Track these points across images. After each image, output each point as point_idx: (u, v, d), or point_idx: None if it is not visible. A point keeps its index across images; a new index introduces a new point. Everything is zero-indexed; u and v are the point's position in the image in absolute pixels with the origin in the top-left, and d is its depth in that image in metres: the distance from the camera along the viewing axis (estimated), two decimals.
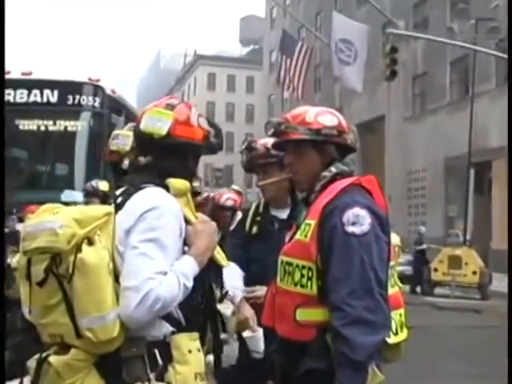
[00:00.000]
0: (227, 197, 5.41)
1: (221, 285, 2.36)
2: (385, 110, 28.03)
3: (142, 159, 2.26)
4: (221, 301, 2.40)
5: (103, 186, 5.29)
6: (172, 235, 2.08)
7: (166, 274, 2.02)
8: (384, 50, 18.20)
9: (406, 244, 17.39)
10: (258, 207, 3.57)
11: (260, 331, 3.02)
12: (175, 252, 2.10)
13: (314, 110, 2.45)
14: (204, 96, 57.25)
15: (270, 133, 2.47)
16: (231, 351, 3.06)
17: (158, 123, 2.22)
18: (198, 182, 4.84)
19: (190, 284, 2.08)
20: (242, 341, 3.36)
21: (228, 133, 53.76)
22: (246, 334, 3.04)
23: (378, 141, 27.65)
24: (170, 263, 2.06)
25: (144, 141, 2.26)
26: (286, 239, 2.43)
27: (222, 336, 2.48)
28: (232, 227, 3.72)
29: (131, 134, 2.57)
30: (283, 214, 3.47)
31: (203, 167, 48.27)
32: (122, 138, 3.42)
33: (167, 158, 2.24)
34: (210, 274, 2.25)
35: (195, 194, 4.15)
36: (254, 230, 3.48)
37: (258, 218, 3.50)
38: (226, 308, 2.51)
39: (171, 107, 2.27)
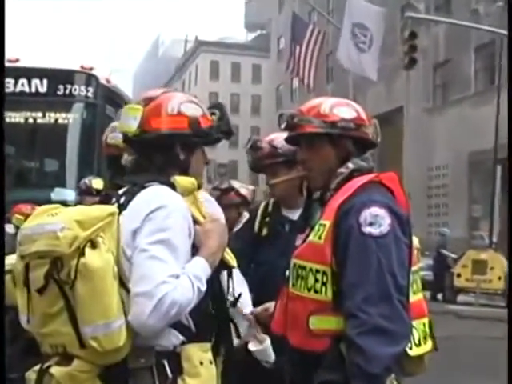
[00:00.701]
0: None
1: (232, 288, 2.38)
2: (403, 101, 27.98)
3: (124, 159, 2.31)
4: (234, 305, 2.42)
5: (97, 183, 5.30)
6: (182, 236, 2.11)
7: (178, 277, 2.04)
8: (402, 35, 18.14)
9: (426, 247, 17.36)
10: (266, 207, 3.59)
11: (267, 340, 3.03)
12: (185, 254, 2.12)
13: (330, 102, 2.46)
14: (206, 86, 57.32)
15: (283, 126, 2.48)
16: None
17: (127, 121, 2.27)
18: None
19: (203, 287, 2.10)
20: (248, 352, 3.37)
21: (232, 126, 53.59)
22: (251, 346, 3.04)
23: (396, 135, 27.60)
24: (182, 265, 2.08)
25: (124, 140, 2.33)
26: (299, 241, 2.44)
27: (236, 342, 2.50)
28: (236, 228, 3.70)
29: None
30: (295, 215, 3.49)
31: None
32: None
33: (152, 153, 2.28)
34: (219, 276, 2.27)
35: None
36: (264, 231, 3.51)
37: (268, 219, 3.52)
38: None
39: (147, 100, 2.30)
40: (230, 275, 2.35)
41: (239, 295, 2.47)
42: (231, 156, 51.15)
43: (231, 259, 2.35)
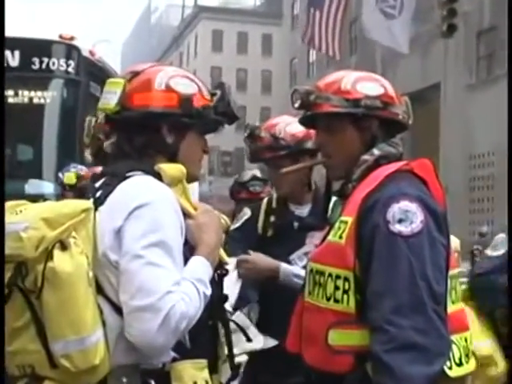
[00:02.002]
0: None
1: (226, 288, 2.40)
2: (440, 77, 27.87)
3: (105, 144, 2.33)
4: (236, 309, 2.43)
5: (68, 178, 5.35)
6: (175, 234, 2.12)
7: (179, 283, 2.05)
8: None
9: (468, 249, 17.33)
10: (270, 203, 3.60)
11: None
12: (180, 254, 2.13)
13: (353, 76, 2.47)
14: (208, 59, 57.32)
15: (296, 105, 2.49)
16: None
17: (108, 96, 2.28)
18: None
19: (208, 291, 2.13)
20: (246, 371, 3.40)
21: (239, 107, 53.53)
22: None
23: (432, 116, 27.52)
24: (180, 268, 2.10)
25: (104, 121, 2.35)
26: (317, 241, 2.44)
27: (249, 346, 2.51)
28: (233, 227, 3.63)
29: None
30: (303, 211, 3.52)
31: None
32: None
33: (132, 135, 2.28)
34: (216, 276, 2.29)
35: None
36: (270, 232, 3.52)
37: (273, 218, 3.53)
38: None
39: (132, 74, 2.31)
40: (225, 273, 2.37)
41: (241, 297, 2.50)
42: (237, 142, 51.11)
43: (224, 255, 2.38)
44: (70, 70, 9.51)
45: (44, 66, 9.43)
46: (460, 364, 2.34)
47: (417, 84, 28.42)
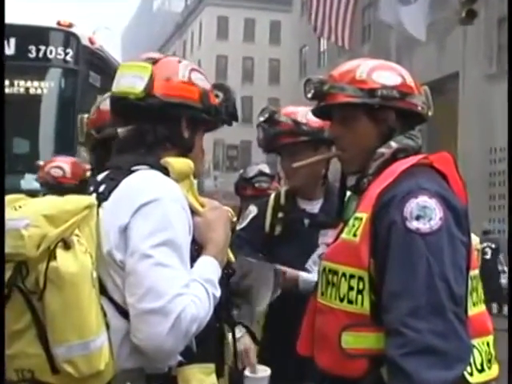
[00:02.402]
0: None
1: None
2: (459, 66, 27.81)
3: (121, 131, 2.31)
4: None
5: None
6: (183, 232, 2.13)
7: (188, 285, 2.06)
8: None
9: None
10: (278, 199, 3.58)
11: (264, 373, 3.03)
12: (188, 253, 2.14)
13: (369, 65, 2.47)
14: (213, 48, 57.32)
15: (309, 95, 2.49)
16: None
17: (132, 80, 2.27)
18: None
19: (218, 292, 2.14)
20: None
21: (245, 98, 53.86)
22: (247, 372, 3.07)
23: (449, 107, 27.47)
24: (188, 269, 2.11)
25: (120, 106, 2.32)
26: (330, 239, 2.44)
27: None
28: (240, 226, 3.62)
29: None
30: (315, 208, 3.51)
31: (212, 144, 48.44)
32: None
33: (152, 125, 2.28)
34: (225, 277, 2.29)
35: None
36: (278, 229, 3.51)
37: (281, 215, 3.52)
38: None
39: (152, 61, 2.32)
40: (232, 273, 2.39)
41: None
42: (243, 135, 51.12)
43: (230, 254, 2.39)
44: (68, 58, 9.49)
45: (41, 54, 9.42)
46: (482, 370, 2.32)
47: (434, 74, 28.34)
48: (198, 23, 61.20)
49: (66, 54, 9.50)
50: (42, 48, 9.43)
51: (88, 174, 4.26)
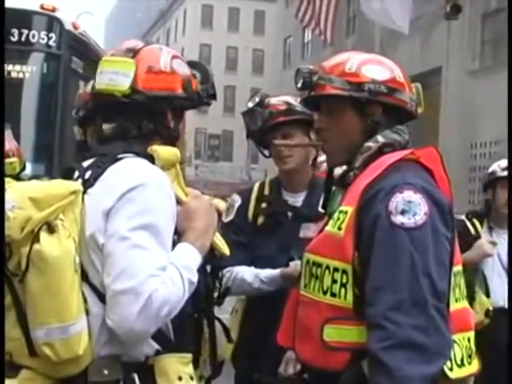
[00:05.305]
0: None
1: (219, 282, 2.42)
2: (442, 61, 27.88)
3: (106, 127, 2.30)
4: (219, 304, 2.44)
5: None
6: (166, 219, 2.13)
7: (165, 269, 2.06)
8: None
9: None
10: (262, 189, 3.58)
11: None
12: (170, 240, 2.14)
13: (359, 58, 2.47)
14: (197, 36, 57.16)
15: (299, 85, 2.49)
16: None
17: (115, 77, 2.26)
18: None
19: (195, 278, 2.13)
20: (238, 368, 3.40)
21: (228, 87, 53.76)
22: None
23: (432, 102, 27.47)
24: (168, 254, 2.10)
25: (104, 103, 2.31)
26: (311, 233, 2.44)
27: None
28: (229, 218, 3.60)
29: None
30: (298, 200, 3.51)
31: (194, 133, 48.33)
32: None
33: (138, 120, 2.28)
34: (205, 267, 2.29)
35: None
36: (260, 219, 3.50)
37: (264, 205, 3.51)
38: None
39: (133, 52, 2.30)
40: (219, 266, 2.39)
41: (226, 290, 2.52)
42: (225, 125, 51.10)
43: (223, 246, 2.39)
44: (51, 43, 9.42)
45: (23, 38, 9.34)
46: (461, 365, 2.33)
47: (417, 68, 28.38)
48: (183, 11, 60.97)
49: (49, 38, 9.42)
50: (25, 32, 9.35)
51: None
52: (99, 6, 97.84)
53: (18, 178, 2.25)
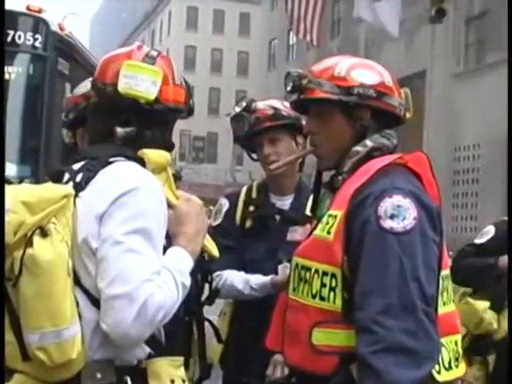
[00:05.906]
0: None
1: (210, 282, 2.43)
2: (426, 64, 27.97)
3: (119, 130, 2.29)
4: (210, 303, 2.44)
5: None
6: (158, 223, 2.13)
7: (159, 273, 2.07)
8: None
9: (451, 245, 17.44)
10: (249, 192, 3.58)
11: None
12: (162, 244, 2.15)
13: (349, 62, 2.47)
14: (182, 38, 57.11)
15: (288, 88, 2.49)
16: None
17: (143, 83, 2.26)
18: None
19: (188, 281, 2.14)
20: (226, 370, 3.40)
21: (213, 89, 53.77)
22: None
23: (416, 105, 27.44)
24: (161, 259, 2.11)
25: (122, 106, 2.29)
26: (298, 236, 2.44)
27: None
28: (217, 221, 3.60)
29: None
30: (285, 203, 3.51)
31: (178, 135, 48.28)
32: None
33: (150, 127, 2.31)
34: (196, 269, 2.30)
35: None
36: (248, 223, 3.50)
37: (252, 208, 3.52)
38: None
39: (152, 60, 2.31)
40: (209, 269, 2.41)
41: (216, 291, 2.53)
42: (210, 127, 51.08)
43: (213, 248, 2.40)
44: (37, 44, 9.38)
45: (9, 39, 9.31)
46: (449, 368, 2.35)
47: (401, 71, 28.41)
48: (168, 12, 60.88)
49: (35, 39, 9.38)
50: (11, 33, 9.31)
51: None
52: (85, 6, 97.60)
53: (8, 181, 2.23)
